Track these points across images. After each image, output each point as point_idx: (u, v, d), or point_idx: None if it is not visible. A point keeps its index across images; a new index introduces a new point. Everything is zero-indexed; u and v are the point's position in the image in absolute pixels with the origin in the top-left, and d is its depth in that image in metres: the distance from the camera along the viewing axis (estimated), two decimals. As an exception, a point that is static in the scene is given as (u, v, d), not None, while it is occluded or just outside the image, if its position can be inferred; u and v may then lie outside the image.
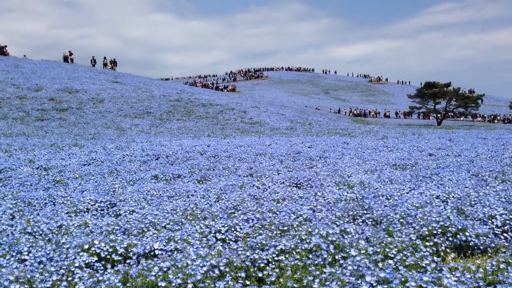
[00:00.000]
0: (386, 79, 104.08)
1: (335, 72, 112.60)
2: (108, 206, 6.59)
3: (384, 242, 4.41)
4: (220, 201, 6.83)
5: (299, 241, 4.52)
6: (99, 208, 6.48)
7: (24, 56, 43.48)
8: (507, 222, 5.11)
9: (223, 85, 74.73)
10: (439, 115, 47.52)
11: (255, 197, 6.93)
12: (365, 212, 5.80)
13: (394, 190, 6.96)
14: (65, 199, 6.94)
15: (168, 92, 32.36)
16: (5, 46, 40.66)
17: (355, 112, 59.05)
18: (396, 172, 8.91)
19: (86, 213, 6.27)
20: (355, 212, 5.80)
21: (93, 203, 6.55)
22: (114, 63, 45.10)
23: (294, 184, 8.08)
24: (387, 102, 78.59)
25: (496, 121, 56.34)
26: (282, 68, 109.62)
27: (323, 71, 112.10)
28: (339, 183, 7.84)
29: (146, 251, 4.59)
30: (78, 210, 6.27)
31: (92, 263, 4.25)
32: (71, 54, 43.31)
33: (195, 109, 28.71)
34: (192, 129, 22.88)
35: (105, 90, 29.85)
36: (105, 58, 44.81)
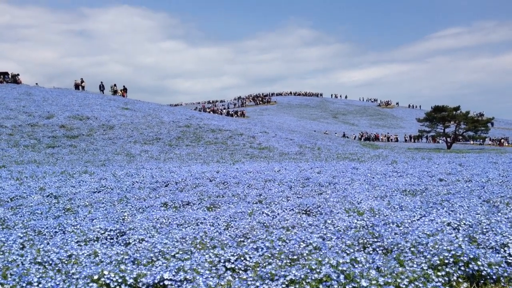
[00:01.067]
0: (397, 103, 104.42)
1: (346, 97, 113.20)
2: (118, 234, 6.60)
3: (395, 272, 4.37)
4: (229, 229, 6.81)
5: (309, 270, 4.48)
6: (108, 237, 6.48)
7: (36, 84, 44.24)
8: (520, 250, 5.04)
9: (232, 110, 75.20)
10: (448, 138, 47.34)
11: (265, 224, 6.91)
12: (375, 240, 5.75)
13: (404, 217, 6.91)
14: (75, 227, 6.96)
15: (177, 118, 32.62)
16: (18, 74, 41.48)
17: (364, 136, 58.99)
18: (406, 198, 8.85)
19: (96, 242, 6.28)
20: (365, 240, 5.75)
21: (102, 232, 6.56)
22: (124, 90, 45.70)
23: (303, 211, 8.05)
24: (396, 126, 78.51)
25: (506, 144, 55.93)
26: (291, 93, 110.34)
27: (331, 95, 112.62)
28: (349, 210, 7.80)
29: (156, 281, 4.58)
30: (88, 239, 6.29)
31: (101, 294, 4.25)
32: (82, 81, 43.98)
33: (204, 134, 28.87)
34: (202, 155, 22.96)
35: (115, 116, 30.18)
36: (115, 85, 45.42)
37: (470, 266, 4.58)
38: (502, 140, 56.94)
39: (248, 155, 23.76)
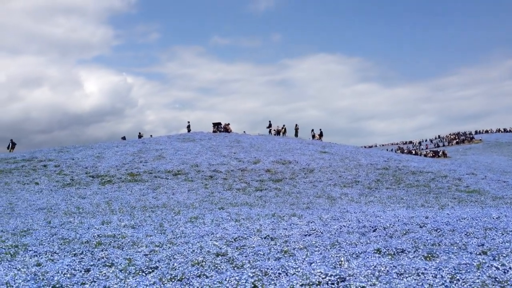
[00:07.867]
0: None
1: None
2: (338, 280, 6.68)
3: None
4: (455, 282, 6.32)
5: None
6: (329, 282, 6.61)
7: (244, 132, 48.94)
8: None
9: (431, 150, 71.23)
10: None
11: (497, 280, 6.24)
12: None
13: None
14: (297, 270, 7.28)
15: (375, 161, 32.22)
16: (228, 124, 46.39)
17: None
18: None
19: (318, 286, 6.46)
20: None
21: (323, 276, 6.73)
22: (320, 134, 47.40)
23: (542, 267, 7.03)
24: None
25: None
26: (499, 130, 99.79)
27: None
28: None
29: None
30: (311, 283, 6.51)
31: None
32: (283, 127, 47.14)
33: (404, 177, 27.81)
34: (404, 198, 22.07)
35: (314, 160, 31.25)
36: (312, 130, 47.69)
37: None
38: None
39: (455, 199, 21.96)
